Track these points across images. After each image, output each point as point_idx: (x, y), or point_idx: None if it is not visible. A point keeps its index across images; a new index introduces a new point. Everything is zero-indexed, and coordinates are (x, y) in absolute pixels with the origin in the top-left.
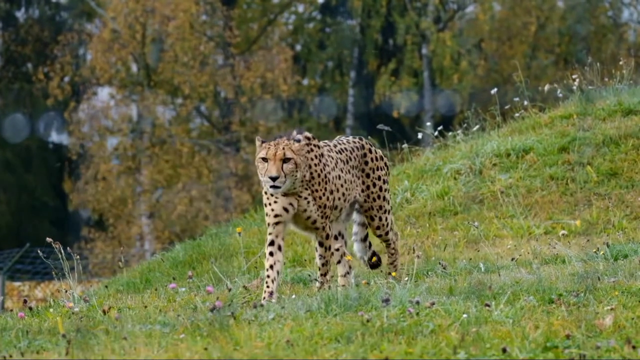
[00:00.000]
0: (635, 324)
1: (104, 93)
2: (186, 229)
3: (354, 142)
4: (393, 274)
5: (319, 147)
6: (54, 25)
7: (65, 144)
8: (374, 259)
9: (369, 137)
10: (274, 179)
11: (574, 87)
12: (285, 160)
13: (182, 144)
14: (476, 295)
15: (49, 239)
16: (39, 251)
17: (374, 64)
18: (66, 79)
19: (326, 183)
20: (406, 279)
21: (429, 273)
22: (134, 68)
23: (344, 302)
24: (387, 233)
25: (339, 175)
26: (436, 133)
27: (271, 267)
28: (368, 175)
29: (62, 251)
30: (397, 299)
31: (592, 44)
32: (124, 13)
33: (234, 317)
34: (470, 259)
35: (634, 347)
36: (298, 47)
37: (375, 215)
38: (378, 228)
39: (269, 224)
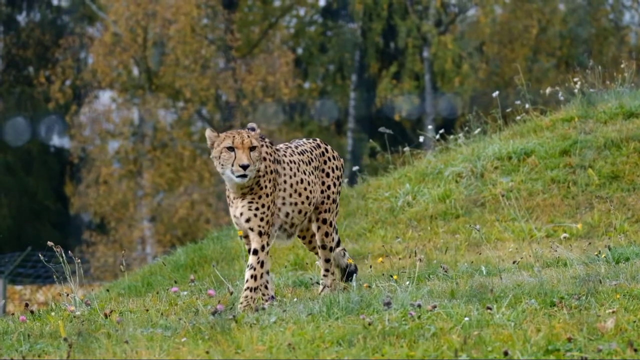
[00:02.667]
0: (637, 327)
1: (105, 96)
2: (188, 232)
3: (310, 142)
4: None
5: (269, 147)
6: (55, 29)
7: (67, 147)
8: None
9: (371, 140)
10: (245, 167)
11: (576, 90)
12: (251, 148)
13: (184, 147)
14: (478, 299)
15: (50, 243)
16: (40, 255)
17: (376, 67)
18: (67, 82)
19: (274, 185)
20: (407, 282)
21: (431, 276)
22: (136, 71)
23: (346, 305)
24: (331, 249)
25: (302, 179)
26: (437, 136)
27: (261, 275)
28: (328, 175)
29: (64, 255)
30: (398, 302)
31: (593, 47)
32: (125, 16)
33: (236, 320)
34: (472, 262)
35: (635, 350)
36: (299, 51)
37: (327, 219)
38: (327, 235)
39: None
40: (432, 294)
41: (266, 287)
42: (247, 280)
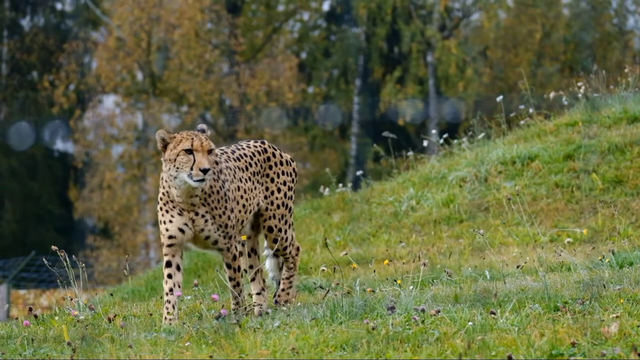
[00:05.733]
0: None
1: (109, 101)
2: None
3: (255, 146)
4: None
5: (217, 163)
6: (59, 34)
7: (71, 152)
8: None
9: (375, 144)
10: (205, 171)
11: (580, 95)
12: (209, 151)
13: None
14: (481, 303)
15: (54, 247)
16: (44, 259)
17: (379, 71)
18: (71, 87)
19: (226, 201)
20: (411, 287)
21: (435, 281)
22: (139, 76)
23: (350, 309)
24: (285, 248)
25: (238, 187)
26: (441, 141)
27: (171, 290)
28: (272, 180)
29: (68, 259)
30: (402, 306)
31: (597, 52)
32: (129, 21)
33: (239, 325)
34: (476, 266)
35: (639, 355)
36: (303, 55)
37: (275, 226)
38: (275, 241)
39: (163, 244)
40: (436, 298)
41: (173, 307)
42: (231, 292)
